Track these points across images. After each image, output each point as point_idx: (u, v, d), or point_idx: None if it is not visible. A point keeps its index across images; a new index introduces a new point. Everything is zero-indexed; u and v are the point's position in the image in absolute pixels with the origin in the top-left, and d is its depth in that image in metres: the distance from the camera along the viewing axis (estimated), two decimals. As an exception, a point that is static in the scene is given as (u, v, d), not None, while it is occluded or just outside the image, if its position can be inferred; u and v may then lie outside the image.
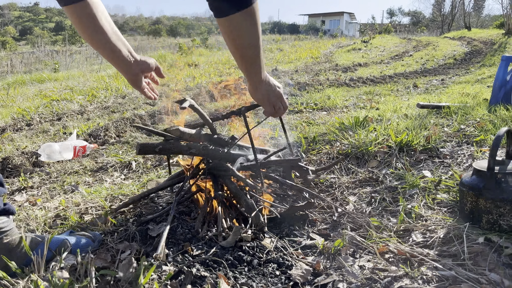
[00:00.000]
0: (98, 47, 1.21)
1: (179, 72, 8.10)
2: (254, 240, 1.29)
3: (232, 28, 1.09)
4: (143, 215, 1.49)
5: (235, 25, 1.09)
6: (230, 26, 1.09)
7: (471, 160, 1.85)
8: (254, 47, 1.15)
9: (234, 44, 1.13)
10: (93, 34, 1.18)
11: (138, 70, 1.28)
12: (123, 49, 1.23)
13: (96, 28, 1.17)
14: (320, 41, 18.78)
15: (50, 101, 5.01)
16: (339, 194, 1.70)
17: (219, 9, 1.07)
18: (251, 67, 1.21)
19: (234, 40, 1.12)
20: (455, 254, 1.19)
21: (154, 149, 1.37)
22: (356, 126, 2.44)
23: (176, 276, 1.08)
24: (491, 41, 13.50)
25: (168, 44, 22.83)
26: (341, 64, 9.09)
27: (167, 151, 1.39)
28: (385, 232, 1.35)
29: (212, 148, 1.46)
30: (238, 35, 1.11)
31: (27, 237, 1.14)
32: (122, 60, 1.23)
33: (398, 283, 1.08)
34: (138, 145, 1.35)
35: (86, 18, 1.15)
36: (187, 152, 1.42)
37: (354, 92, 4.83)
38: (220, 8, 1.06)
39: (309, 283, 1.10)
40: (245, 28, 1.09)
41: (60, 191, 1.93)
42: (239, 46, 1.14)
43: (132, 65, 1.26)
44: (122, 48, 1.23)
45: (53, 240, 1.18)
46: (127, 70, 1.26)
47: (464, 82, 5.84)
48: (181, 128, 1.41)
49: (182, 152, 1.42)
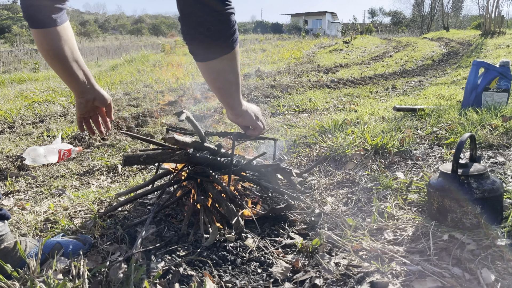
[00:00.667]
0: (57, 71, 1.28)
1: (162, 73, 8.12)
2: (237, 240, 1.37)
3: (211, 72, 1.08)
4: (130, 218, 1.56)
5: (214, 70, 1.07)
6: (209, 70, 1.07)
7: (441, 162, 1.97)
8: (234, 85, 1.15)
9: (213, 85, 1.13)
10: (52, 59, 1.24)
11: (90, 98, 1.34)
12: (80, 75, 1.29)
13: (55, 54, 1.22)
14: (303, 41, 18.97)
15: (32, 103, 4.98)
16: (317, 195, 1.79)
17: (199, 55, 1.05)
18: (232, 101, 1.22)
19: (213, 81, 1.12)
20: (422, 250, 1.29)
21: (139, 159, 1.44)
22: (335, 129, 2.55)
23: (164, 275, 1.16)
24: (468, 42, 13.88)
25: (150, 43, 22.68)
26: (322, 65, 9.24)
27: (151, 160, 1.46)
28: (360, 231, 1.45)
29: (195, 155, 1.53)
30: (217, 78, 1.10)
31: (21, 241, 1.19)
32: (77, 83, 1.30)
33: (370, 278, 1.18)
34: (124, 157, 1.41)
35: (48, 42, 1.20)
36: (170, 160, 1.49)
37: (335, 94, 4.95)
38: (199, 54, 1.05)
39: (289, 279, 1.19)
40: (225, 72, 1.08)
41: (48, 195, 1.98)
42: (218, 87, 1.14)
43: (87, 91, 1.32)
44: (79, 73, 1.29)
45: (45, 244, 1.24)
46: (80, 94, 1.32)
47: (441, 83, 6.04)
48: (176, 137, 1.48)
49: (166, 160, 1.49)
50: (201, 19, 0.96)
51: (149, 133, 3.30)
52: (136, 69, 8.83)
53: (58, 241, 1.28)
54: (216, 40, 1.00)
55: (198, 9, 0.95)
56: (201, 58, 1.05)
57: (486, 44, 12.09)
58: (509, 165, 1.88)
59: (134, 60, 10.89)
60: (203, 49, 1.02)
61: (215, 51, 1.02)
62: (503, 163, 1.92)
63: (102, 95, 1.36)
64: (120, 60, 11.42)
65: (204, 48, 1.02)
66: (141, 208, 1.66)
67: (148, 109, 4.33)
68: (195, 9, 0.95)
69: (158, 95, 5.48)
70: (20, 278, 1.09)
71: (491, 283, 1.12)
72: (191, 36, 1.01)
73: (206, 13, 0.95)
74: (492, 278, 1.13)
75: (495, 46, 11.07)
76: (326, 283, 1.16)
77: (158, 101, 4.97)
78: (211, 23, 0.97)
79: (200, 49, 1.03)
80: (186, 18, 0.99)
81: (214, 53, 1.03)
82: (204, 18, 0.96)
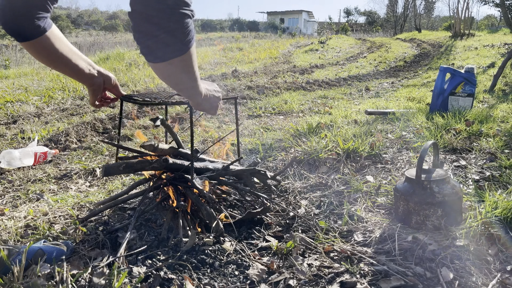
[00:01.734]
0: (61, 71, 1.32)
1: (138, 72, 8.05)
2: (215, 244, 1.43)
3: (162, 73, 1.03)
4: (111, 223, 1.60)
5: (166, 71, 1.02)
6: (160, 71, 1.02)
7: (409, 166, 2.09)
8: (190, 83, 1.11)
9: (168, 84, 1.10)
10: (54, 63, 1.28)
11: (101, 81, 1.41)
12: (84, 66, 1.34)
13: (56, 57, 1.26)
14: (279, 40, 19.10)
15: (4, 103, 4.89)
16: (292, 199, 1.87)
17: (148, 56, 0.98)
18: (189, 95, 1.20)
19: (167, 81, 1.08)
20: (388, 251, 1.39)
21: (119, 168, 1.48)
22: (309, 132, 2.64)
23: (145, 279, 1.21)
24: (439, 44, 14.30)
25: (125, 40, 22.33)
26: (298, 65, 9.37)
27: (131, 169, 1.51)
28: (331, 233, 1.54)
29: (173, 163, 1.58)
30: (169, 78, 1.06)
31: (4, 248, 1.22)
32: (85, 75, 1.35)
33: (340, 278, 1.26)
34: (103, 168, 1.46)
35: (43, 50, 1.23)
36: (149, 168, 1.54)
37: (310, 96, 5.06)
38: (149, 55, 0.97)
39: (264, 281, 1.26)
40: (178, 73, 1.04)
41: (25, 200, 1.99)
42: (173, 85, 1.12)
43: (95, 77, 1.38)
44: (83, 65, 1.33)
45: (28, 250, 1.27)
46: (91, 82, 1.38)
47: (412, 85, 6.25)
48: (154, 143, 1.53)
49: (145, 168, 1.54)
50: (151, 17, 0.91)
51: (126, 135, 3.31)
52: (112, 67, 8.72)
53: (40, 247, 1.31)
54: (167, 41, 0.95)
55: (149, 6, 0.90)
56: (151, 59, 0.98)
57: (456, 46, 12.49)
58: (470, 168, 2.01)
59: (109, 58, 10.74)
60: (154, 50, 0.95)
61: (166, 52, 0.96)
62: (465, 166, 2.05)
63: (108, 76, 1.44)
64: (95, 58, 11.23)
65: (154, 49, 0.95)
66: (121, 213, 1.70)
67: (125, 110, 4.33)
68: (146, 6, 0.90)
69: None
70: (5, 284, 1.12)
71: (450, 281, 1.22)
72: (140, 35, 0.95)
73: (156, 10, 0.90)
74: (451, 276, 1.24)
75: (464, 48, 11.46)
76: (299, 284, 1.24)
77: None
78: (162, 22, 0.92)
79: (150, 49, 0.96)
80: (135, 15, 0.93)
81: (165, 55, 0.96)
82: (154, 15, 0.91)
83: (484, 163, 2.06)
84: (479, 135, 2.47)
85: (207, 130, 3.21)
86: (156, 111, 4.46)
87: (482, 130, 2.53)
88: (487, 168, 2.00)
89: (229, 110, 4.19)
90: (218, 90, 1.38)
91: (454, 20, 16.69)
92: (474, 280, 1.21)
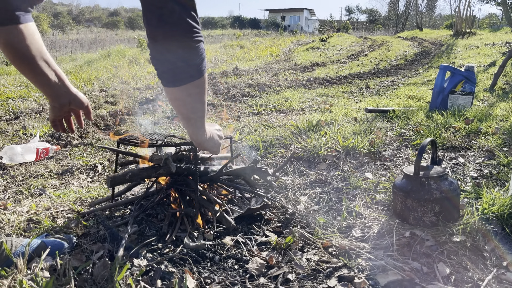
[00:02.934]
0: (26, 75, 1.16)
1: (140, 69, 8.08)
2: (215, 238, 1.45)
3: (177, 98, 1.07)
4: (112, 218, 1.62)
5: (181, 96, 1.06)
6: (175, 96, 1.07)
7: (407, 163, 2.10)
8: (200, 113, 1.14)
9: (179, 112, 1.13)
10: (19, 63, 1.12)
11: (65, 101, 1.23)
12: (53, 78, 1.17)
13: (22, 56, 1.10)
14: (280, 38, 19.10)
15: (6, 99, 4.91)
16: (292, 195, 1.89)
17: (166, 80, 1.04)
18: (196, 130, 1.21)
19: (179, 108, 1.11)
20: (386, 246, 1.41)
21: (125, 178, 1.50)
22: (309, 130, 2.66)
23: (147, 272, 1.23)
24: (440, 43, 14.31)
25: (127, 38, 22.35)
26: (299, 63, 9.37)
27: (136, 177, 1.53)
28: (330, 229, 1.56)
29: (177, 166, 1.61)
30: (183, 105, 1.09)
31: (7, 241, 1.24)
32: (49, 89, 1.18)
33: (338, 272, 1.28)
34: (109, 179, 1.48)
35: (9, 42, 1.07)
36: (155, 175, 1.57)
37: (311, 94, 5.08)
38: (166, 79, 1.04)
39: (263, 275, 1.28)
40: (191, 100, 1.08)
41: (28, 195, 2.01)
42: (184, 114, 1.13)
43: (60, 95, 1.21)
44: (51, 76, 1.16)
45: (31, 243, 1.29)
46: (53, 98, 1.21)
47: (412, 83, 6.26)
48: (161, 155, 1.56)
49: (151, 176, 1.57)
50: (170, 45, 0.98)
51: (127, 131, 3.33)
52: (113, 64, 8.75)
53: (43, 240, 1.33)
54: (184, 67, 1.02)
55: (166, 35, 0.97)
56: (167, 83, 1.04)
57: (457, 45, 12.50)
58: (468, 166, 2.03)
59: (110, 55, 10.75)
60: (171, 75, 1.02)
61: (183, 77, 1.02)
62: (463, 164, 2.06)
63: (79, 99, 1.26)
64: (96, 55, 11.25)
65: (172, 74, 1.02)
66: (122, 208, 1.72)
67: (126, 107, 4.35)
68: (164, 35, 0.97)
69: (135, 92, 5.48)
70: (8, 277, 1.14)
71: (446, 275, 1.24)
72: (159, 60, 1.02)
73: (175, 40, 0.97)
74: (447, 271, 1.26)
75: (465, 46, 11.46)
76: (298, 278, 1.26)
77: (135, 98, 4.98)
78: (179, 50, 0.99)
79: (168, 74, 1.02)
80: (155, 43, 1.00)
81: (182, 80, 1.03)
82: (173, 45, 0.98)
83: (482, 160, 2.08)
84: (478, 133, 2.49)
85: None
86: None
87: (481, 128, 2.54)
88: (485, 165, 2.02)
89: (229, 107, 4.21)
90: (220, 129, 1.41)
91: (456, 18, 16.68)
92: (470, 275, 1.23)
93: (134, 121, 3.74)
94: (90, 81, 6.56)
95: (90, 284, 1.15)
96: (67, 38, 24.88)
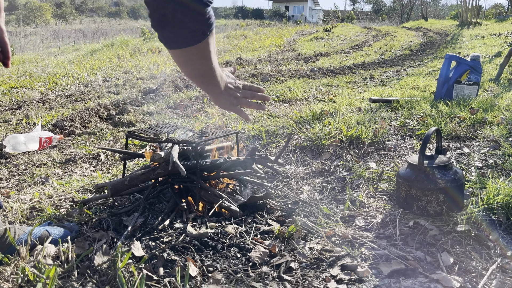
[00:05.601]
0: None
1: (143, 59, 8.05)
2: (218, 227, 1.45)
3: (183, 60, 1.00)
4: (115, 206, 1.62)
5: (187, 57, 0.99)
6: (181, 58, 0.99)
7: (412, 153, 2.09)
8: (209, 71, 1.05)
9: (187, 73, 1.05)
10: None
11: None
12: None
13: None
14: (284, 28, 18.97)
15: (9, 89, 4.91)
16: (295, 184, 1.88)
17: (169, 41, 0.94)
18: (207, 87, 1.12)
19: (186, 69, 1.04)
20: (389, 235, 1.40)
21: (124, 183, 1.51)
22: (313, 120, 2.64)
23: (149, 260, 1.23)
24: (445, 33, 14.16)
25: (129, 28, 22.25)
26: (303, 53, 9.31)
27: (136, 181, 1.53)
28: (333, 218, 1.55)
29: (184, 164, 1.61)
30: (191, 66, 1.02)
31: (10, 229, 1.24)
32: None
33: (341, 261, 1.28)
34: (110, 187, 1.48)
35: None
36: (154, 176, 1.57)
37: (314, 84, 5.04)
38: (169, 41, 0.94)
39: (266, 263, 1.28)
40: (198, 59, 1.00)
41: (31, 183, 2.01)
42: (192, 75, 1.06)
43: None
44: None
45: (34, 231, 1.29)
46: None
47: (417, 74, 6.21)
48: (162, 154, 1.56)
49: (150, 178, 1.57)
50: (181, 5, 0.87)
51: (130, 121, 3.33)
52: (116, 54, 8.72)
53: (46, 228, 1.33)
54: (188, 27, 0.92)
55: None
56: (171, 45, 0.95)
57: (463, 35, 12.37)
58: (473, 155, 2.01)
59: (113, 45, 10.71)
60: (174, 35, 0.93)
61: (187, 38, 0.93)
62: (468, 154, 2.05)
63: None
64: (99, 45, 11.22)
65: (174, 35, 0.93)
66: (125, 196, 1.72)
67: (129, 97, 4.34)
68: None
69: (138, 82, 5.46)
70: (11, 264, 1.15)
71: (450, 265, 1.23)
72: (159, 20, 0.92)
73: None
74: (451, 260, 1.25)
75: (471, 37, 11.34)
76: (300, 266, 1.26)
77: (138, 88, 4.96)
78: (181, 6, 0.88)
79: (170, 35, 0.93)
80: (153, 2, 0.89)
81: (186, 41, 0.93)
82: None
83: (487, 150, 2.06)
84: (483, 123, 2.46)
85: (210, 117, 3.21)
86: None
87: (486, 118, 2.52)
88: (490, 155, 2.00)
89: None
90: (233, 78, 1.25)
91: (461, 8, 16.49)
92: (474, 264, 1.22)
93: (138, 110, 3.73)
94: (93, 71, 6.54)
95: (92, 271, 1.16)
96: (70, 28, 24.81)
